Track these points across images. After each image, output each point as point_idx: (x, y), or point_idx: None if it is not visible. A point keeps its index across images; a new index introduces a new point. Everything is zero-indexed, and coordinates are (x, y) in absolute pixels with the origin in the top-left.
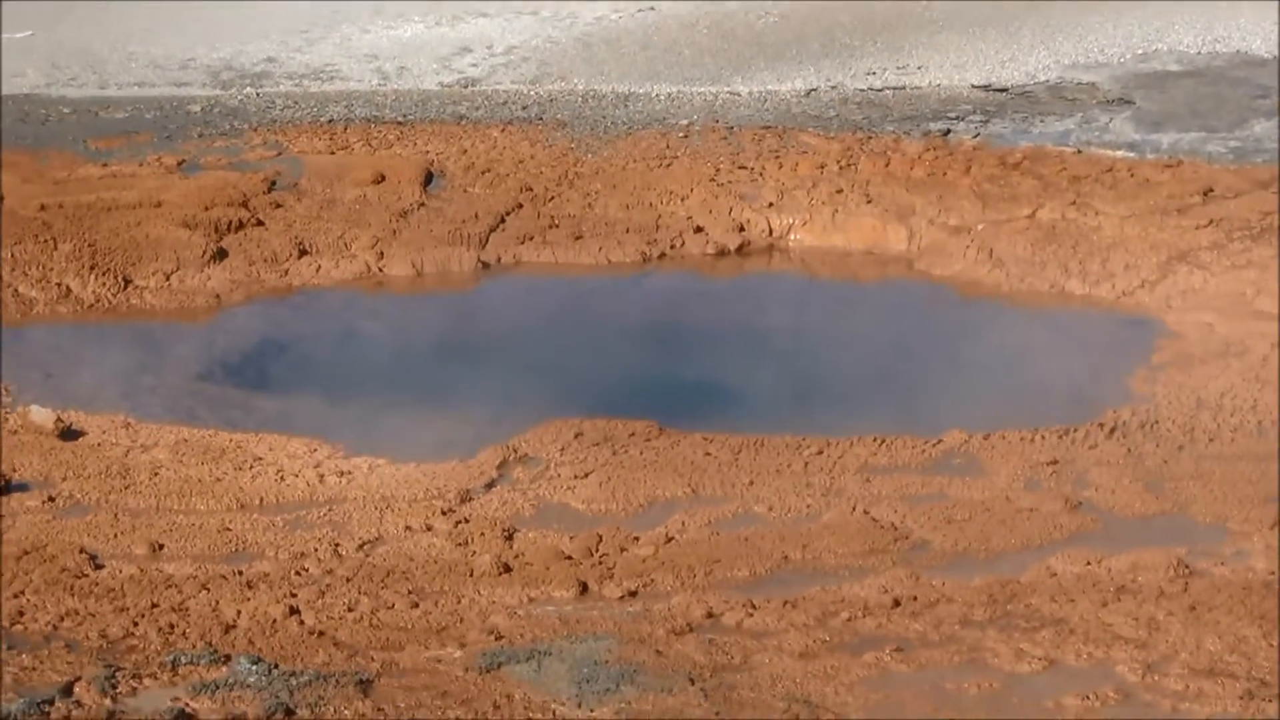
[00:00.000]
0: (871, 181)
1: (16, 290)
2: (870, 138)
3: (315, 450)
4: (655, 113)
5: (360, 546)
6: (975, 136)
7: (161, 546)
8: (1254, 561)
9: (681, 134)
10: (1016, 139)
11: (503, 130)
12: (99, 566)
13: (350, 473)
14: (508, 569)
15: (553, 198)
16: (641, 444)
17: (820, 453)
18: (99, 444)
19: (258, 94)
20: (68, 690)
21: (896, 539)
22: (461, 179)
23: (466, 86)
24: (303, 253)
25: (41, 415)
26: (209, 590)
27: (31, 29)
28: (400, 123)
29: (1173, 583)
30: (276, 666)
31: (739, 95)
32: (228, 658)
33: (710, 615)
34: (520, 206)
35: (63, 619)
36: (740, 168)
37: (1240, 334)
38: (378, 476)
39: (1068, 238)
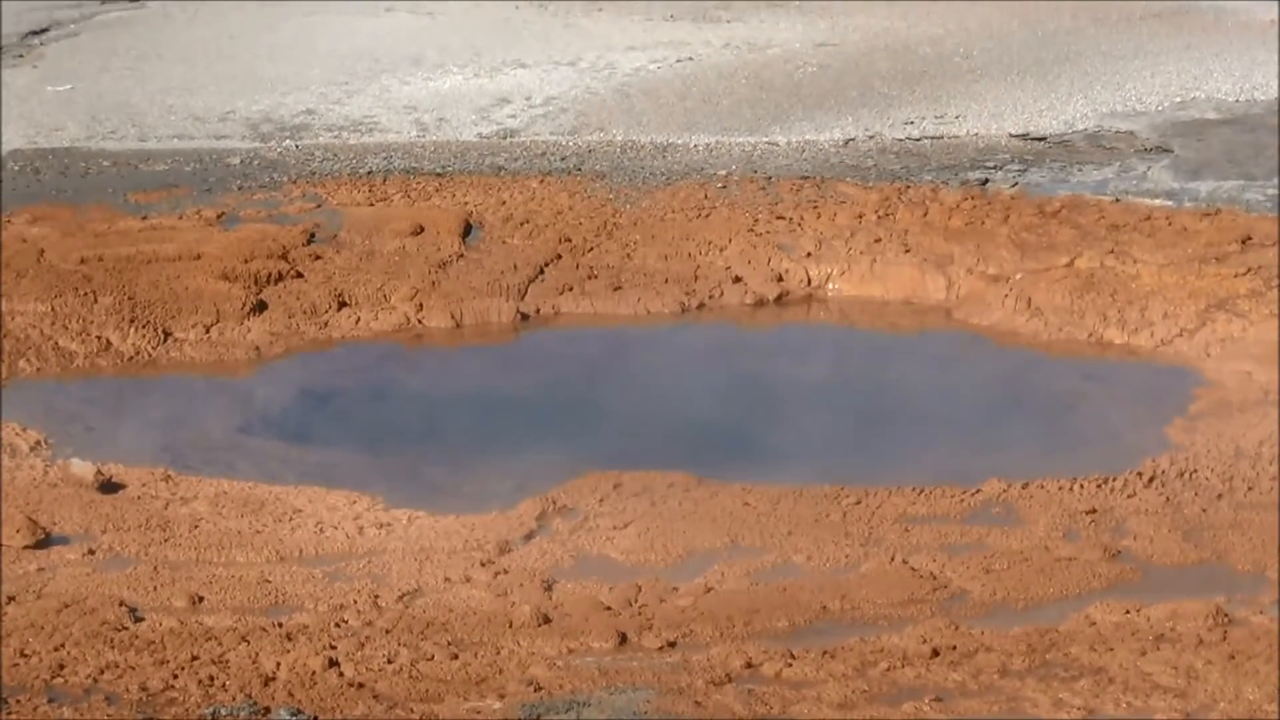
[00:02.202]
0: (910, 231)
1: (57, 343)
2: (908, 187)
3: (355, 503)
4: (693, 163)
5: (400, 598)
6: (1013, 185)
7: (201, 599)
8: None
9: (720, 184)
10: (1055, 188)
11: (541, 181)
12: (139, 619)
13: (389, 525)
14: (547, 620)
15: (591, 249)
16: (680, 495)
17: (859, 503)
18: (139, 497)
19: (297, 146)
20: None
21: (935, 589)
22: (500, 230)
23: (505, 138)
24: (342, 305)
25: (82, 468)
26: (249, 642)
27: (72, 82)
28: (439, 174)
29: (1212, 631)
30: (316, 719)
31: (777, 145)
32: (267, 710)
33: (749, 665)
34: (559, 257)
35: (103, 672)
36: (778, 218)
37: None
38: (417, 528)
39: (1106, 286)
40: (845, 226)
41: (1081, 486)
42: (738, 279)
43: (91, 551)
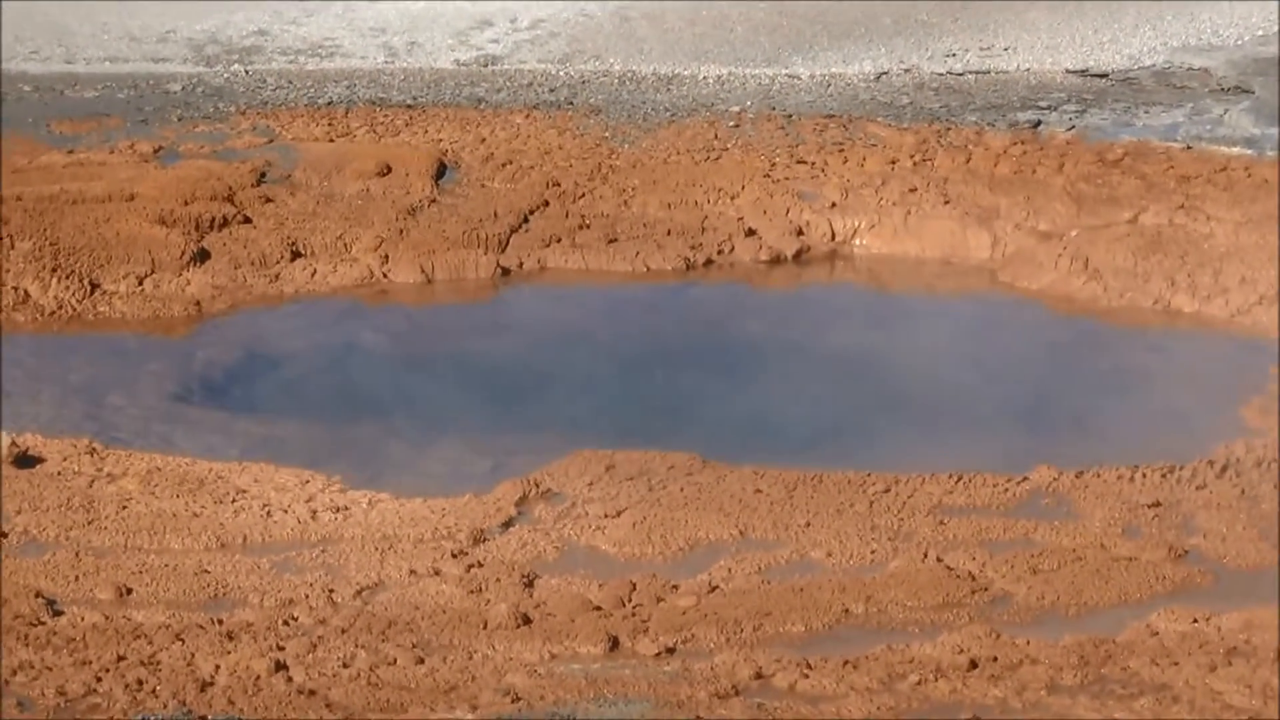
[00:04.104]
0: (950, 180)
1: None
2: (949, 129)
3: (307, 482)
4: (702, 98)
5: (358, 593)
6: (1069, 129)
7: (129, 591)
8: None
9: (732, 123)
10: (1117, 132)
11: (527, 116)
12: (58, 613)
13: (347, 508)
14: (527, 620)
15: (583, 194)
16: (682, 478)
17: (887, 490)
18: (59, 472)
19: (246, 72)
20: None
21: (974, 591)
22: (479, 172)
23: (486, 65)
24: (296, 255)
25: None
26: (184, 642)
27: None
28: (409, 106)
29: None
30: None
31: (798, 79)
32: (204, 718)
33: (759, 676)
34: (546, 204)
35: (15, 673)
36: (799, 162)
37: None
38: (379, 513)
39: (1175, 246)
40: (876, 173)
41: (1144, 475)
42: (751, 232)
43: (4, 534)
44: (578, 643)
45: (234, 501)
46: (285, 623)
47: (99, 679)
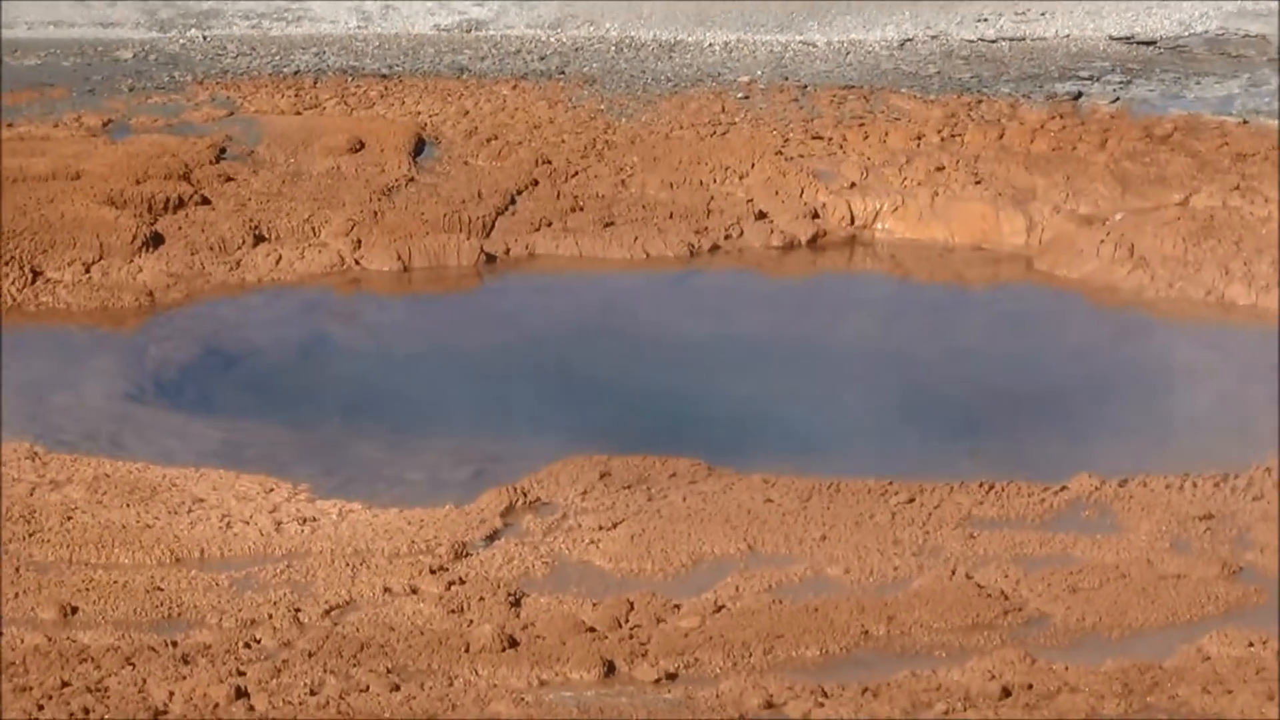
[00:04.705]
0: (981, 157)
1: None
2: (980, 101)
3: (271, 491)
4: (708, 67)
5: (327, 613)
6: (1113, 101)
7: (75, 610)
8: None
9: (741, 94)
10: (1166, 105)
11: (514, 87)
12: None
13: (315, 519)
14: (513, 643)
15: (577, 173)
16: (685, 487)
17: (912, 501)
18: None
19: (204, 37)
20: None
21: (1007, 611)
22: (461, 148)
23: (469, 30)
24: (259, 239)
25: None
26: (134, 666)
27: None
28: (385, 76)
29: None
30: None
31: (814, 46)
32: None
33: (770, 705)
34: (535, 184)
35: None
36: (814, 138)
37: None
38: (350, 525)
39: (1229, 232)
40: (899, 150)
41: (1194, 485)
42: (762, 215)
43: None
44: (569, 668)
45: (190, 511)
46: (246, 645)
47: (41, 706)
